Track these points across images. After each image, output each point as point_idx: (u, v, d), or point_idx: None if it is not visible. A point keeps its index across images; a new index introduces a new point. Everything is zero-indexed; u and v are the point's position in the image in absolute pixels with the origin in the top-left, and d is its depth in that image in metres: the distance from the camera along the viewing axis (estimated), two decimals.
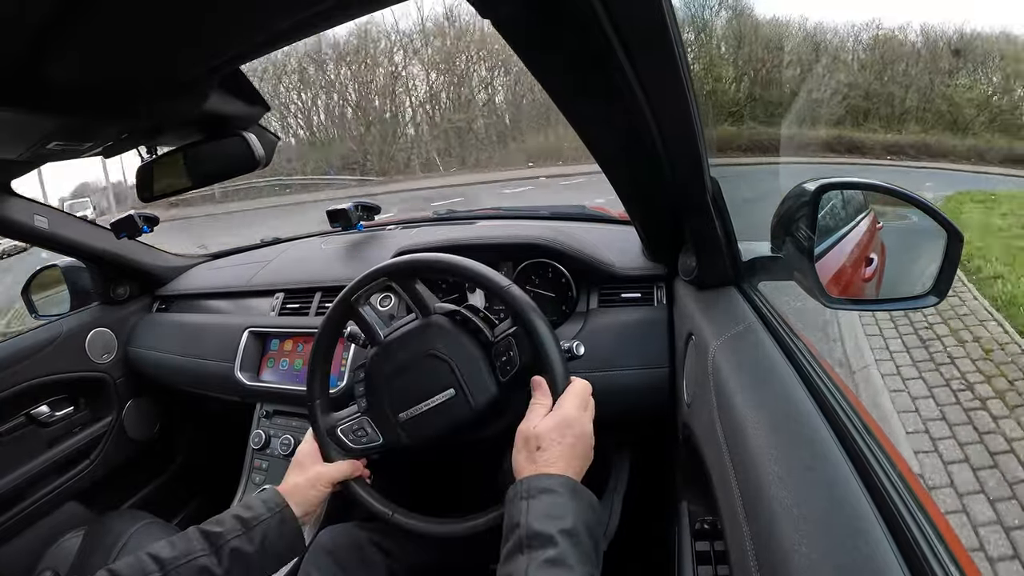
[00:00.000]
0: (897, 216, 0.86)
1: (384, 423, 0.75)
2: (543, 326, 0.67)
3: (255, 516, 0.65)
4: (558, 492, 0.53)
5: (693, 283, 0.83)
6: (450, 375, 0.71)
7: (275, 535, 0.65)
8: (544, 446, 0.57)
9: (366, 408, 0.76)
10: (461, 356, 0.72)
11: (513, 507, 0.53)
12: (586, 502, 0.54)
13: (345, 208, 1.34)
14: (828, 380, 0.53)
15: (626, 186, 0.72)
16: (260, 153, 0.66)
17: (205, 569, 0.60)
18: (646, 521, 1.19)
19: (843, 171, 10.79)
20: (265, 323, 1.19)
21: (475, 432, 0.73)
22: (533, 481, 0.54)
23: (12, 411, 1.18)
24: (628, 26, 0.39)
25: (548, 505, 0.51)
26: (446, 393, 0.71)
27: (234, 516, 0.65)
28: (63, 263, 1.37)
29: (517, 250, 1.05)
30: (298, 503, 0.69)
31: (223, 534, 0.63)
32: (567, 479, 0.55)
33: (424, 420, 0.72)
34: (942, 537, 0.35)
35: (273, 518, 0.66)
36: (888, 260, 0.87)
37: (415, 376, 0.73)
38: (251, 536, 0.64)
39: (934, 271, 0.65)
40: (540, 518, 0.50)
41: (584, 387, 0.64)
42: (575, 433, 0.59)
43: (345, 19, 0.42)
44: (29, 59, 0.41)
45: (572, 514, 0.51)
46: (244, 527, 0.64)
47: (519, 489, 0.54)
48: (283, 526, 0.67)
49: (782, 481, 0.41)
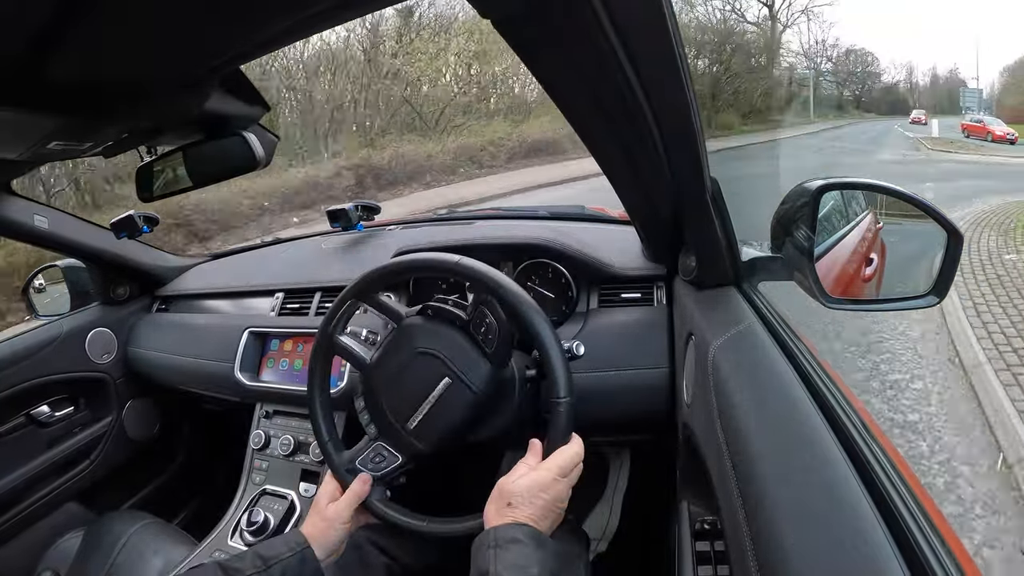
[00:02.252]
0: (897, 216, 0.86)
1: (397, 440, 0.75)
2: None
3: (276, 555, 0.66)
4: (524, 542, 0.56)
5: (693, 283, 0.83)
6: (441, 366, 0.72)
7: (294, 573, 0.66)
8: (515, 504, 0.61)
9: (376, 433, 0.76)
10: (444, 343, 0.73)
11: (480, 556, 0.56)
12: (551, 551, 0.57)
13: (345, 208, 1.34)
14: (828, 380, 0.53)
15: (626, 186, 0.72)
16: (260, 153, 0.66)
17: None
18: (646, 521, 1.19)
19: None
20: (265, 323, 1.19)
21: (486, 421, 0.73)
22: (500, 531, 0.57)
23: (12, 411, 1.17)
24: (628, 26, 0.39)
25: (515, 555, 0.55)
26: (443, 384, 0.71)
27: (255, 553, 0.66)
28: (63, 263, 1.37)
29: (517, 250, 1.05)
30: (320, 545, 0.70)
31: (242, 570, 0.63)
32: (532, 529, 0.58)
33: (431, 420, 0.72)
34: (942, 537, 0.35)
35: (294, 557, 0.67)
36: (888, 260, 0.87)
37: (409, 380, 0.74)
38: (270, 573, 0.64)
39: (934, 271, 0.65)
40: (508, 567, 0.53)
41: (574, 455, 0.66)
42: (548, 497, 0.62)
43: (345, 19, 0.42)
44: (29, 59, 0.41)
45: (538, 564, 0.54)
46: (264, 564, 0.65)
47: (487, 539, 0.57)
48: (303, 566, 0.67)
49: (782, 481, 0.41)
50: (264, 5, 0.39)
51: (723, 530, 0.47)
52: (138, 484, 1.42)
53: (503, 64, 11.08)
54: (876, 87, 25.77)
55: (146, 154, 0.72)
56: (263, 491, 1.07)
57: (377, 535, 0.81)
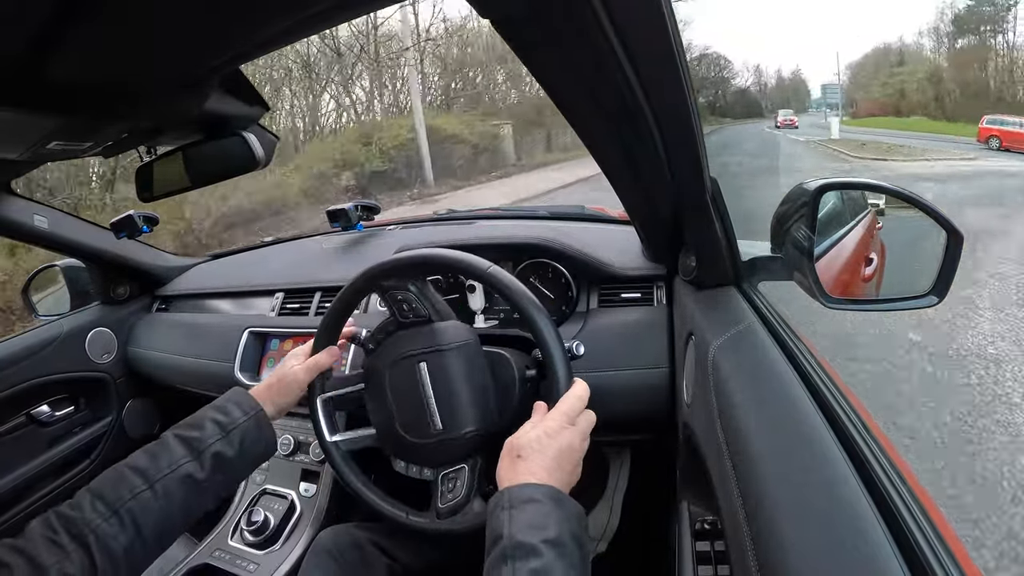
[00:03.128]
0: (897, 216, 0.86)
1: (446, 453, 0.72)
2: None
3: (232, 420, 0.66)
4: (541, 501, 0.51)
5: (693, 283, 0.83)
6: (409, 361, 0.72)
7: (252, 438, 0.66)
8: (524, 455, 0.56)
9: (433, 473, 0.74)
10: (395, 347, 0.75)
11: (495, 518, 0.51)
12: (571, 511, 0.52)
13: (345, 208, 1.34)
14: (828, 380, 0.53)
15: (626, 186, 0.72)
16: (260, 153, 0.66)
17: (189, 476, 0.60)
18: (646, 521, 1.19)
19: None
20: (265, 323, 1.19)
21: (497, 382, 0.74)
22: (515, 491, 0.52)
23: (12, 411, 1.18)
24: (627, 26, 0.39)
25: (531, 515, 0.50)
26: (424, 371, 0.71)
27: (211, 420, 0.65)
28: (63, 263, 1.37)
29: (517, 250, 1.05)
30: (270, 402, 0.71)
31: (203, 439, 0.63)
32: (550, 488, 0.53)
33: (448, 407, 0.71)
34: (942, 537, 0.35)
35: (249, 421, 0.67)
36: (888, 260, 0.87)
37: (400, 400, 0.73)
38: (231, 440, 0.64)
39: (934, 271, 0.65)
40: (523, 528, 0.48)
41: (576, 397, 0.62)
42: (558, 445, 0.57)
43: (345, 19, 0.43)
44: (29, 59, 0.41)
45: (556, 524, 0.49)
46: (223, 431, 0.64)
47: (500, 500, 0.52)
48: (259, 429, 0.67)
49: (782, 481, 0.41)
50: (264, 5, 0.39)
51: (723, 530, 0.47)
52: None
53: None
54: (730, 91, 25.58)
55: (146, 154, 0.72)
56: (263, 491, 1.07)
57: (378, 535, 0.81)
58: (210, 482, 0.62)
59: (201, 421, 0.65)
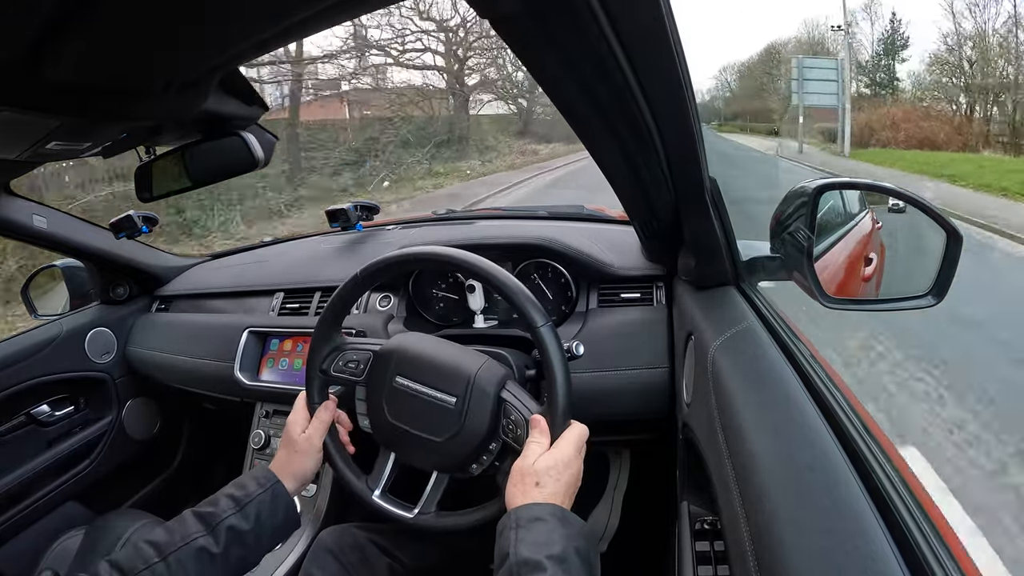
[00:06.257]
0: (896, 216, 0.87)
1: (468, 456, 0.71)
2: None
3: (247, 494, 0.66)
4: (546, 520, 0.54)
5: (692, 283, 0.83)
6: (388, 383, 0.74)
7: (268, 510, 0.66)
8: (543, 483, 0.59)
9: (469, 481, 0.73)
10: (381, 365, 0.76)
11: (503, 538, 0.54)
12: (576, 528, 0.55)
13: (344, 208, 1.34)
14: (828, 380, 0.53)
15: (625, 186, 0.72)
16: (259, 153, 0.66)
17: (203, 550, 0.60)
18: (646, 521, 1.19)
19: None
20: (265, 323, 1.19)
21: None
22: (522, 511, 0.56)
23: (12, 411, 1.17)
24: (627, 26, 0.39)
25: (537, 533, 0.53)
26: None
27: (227, 496, 0.66)
28: (62, 263, 1.37)
29: (517, 250, 1.05)
30: (291, 475, 0.70)
31: (217, 514, 0.63)
32: (555, 507, 0.56)
33: (452, 398, 0.71)
34: (942, 537, 0.35)
35: (265, 494, 0.67)
36: (887, 260, 0.87)
37: (402, 413, 0.73)
38: (245, 513, 0.64)
39: (933, 271, 0.65)
40: (529, 546, 0.51)
41: (582, 433, 0.65)
42: (572, 474, 0.61)
43: (345, 19, 0.42)
44: (29, 59, 0.41)
45: (561, 541, 0.52)
46: (237, 505, 0.65)
47: (509, 520, 0.55)
48: (276, 501, 0.67)
49: (782, 481, 0.41)
50: (262, 6, 0.39)
51: (723, 530, 0.47)
52: (138, 484, 1.42)
53: None
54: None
55: (145, 154, 0.72)
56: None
57: (379, 535, 0.81)
58: (226, 556, 0.62)
59: (217, 498, 0.66)
